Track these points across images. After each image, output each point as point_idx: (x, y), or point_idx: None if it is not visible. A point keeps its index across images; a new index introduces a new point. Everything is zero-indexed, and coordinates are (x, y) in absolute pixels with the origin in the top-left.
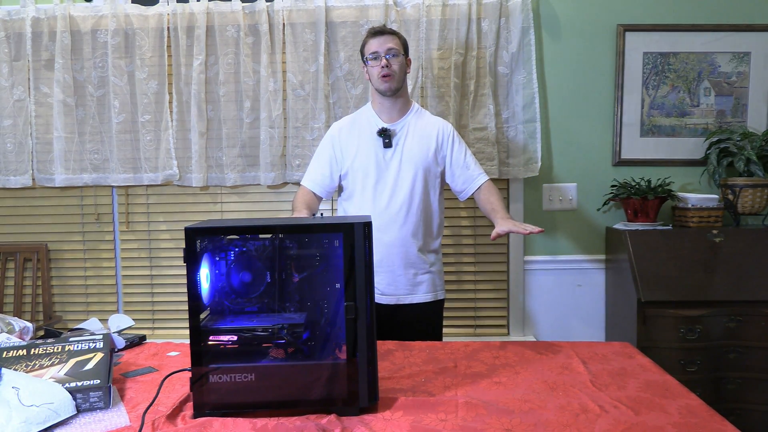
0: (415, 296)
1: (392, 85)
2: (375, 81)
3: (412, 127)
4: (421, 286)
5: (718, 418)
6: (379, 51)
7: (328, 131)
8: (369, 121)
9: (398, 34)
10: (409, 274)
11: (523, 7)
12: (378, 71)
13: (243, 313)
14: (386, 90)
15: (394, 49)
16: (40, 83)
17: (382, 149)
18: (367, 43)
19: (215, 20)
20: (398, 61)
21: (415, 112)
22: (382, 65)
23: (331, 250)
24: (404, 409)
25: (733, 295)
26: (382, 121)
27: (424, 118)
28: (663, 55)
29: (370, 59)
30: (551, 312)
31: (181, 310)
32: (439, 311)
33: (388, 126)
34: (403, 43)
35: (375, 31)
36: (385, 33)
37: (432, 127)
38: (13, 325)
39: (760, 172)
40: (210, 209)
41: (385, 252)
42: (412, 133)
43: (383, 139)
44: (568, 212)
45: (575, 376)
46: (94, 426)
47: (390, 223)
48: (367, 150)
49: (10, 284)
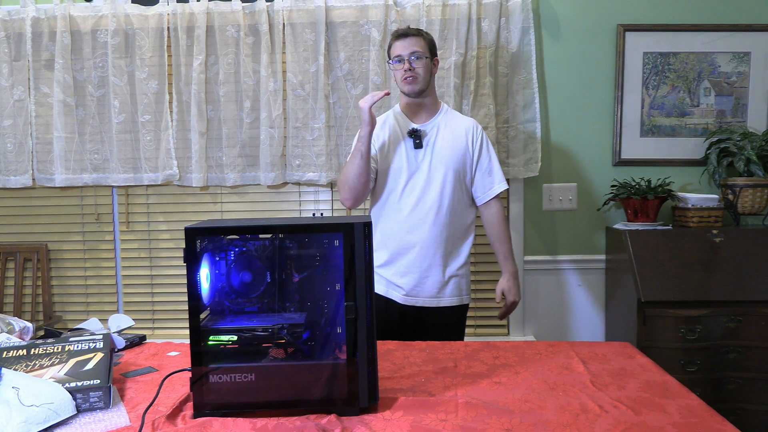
0: (442, 299)
1: (415, 87)
2: (399, 83)
3: (442, 127)
4: (447, 289)
5: (718, 418)
6: (403, 54)
7: None
8: (399, 122)
9: (424, 34)
10: (437, 277)
11: (523, 7)
12: (401, 74)
13: (243, 313)
14: (410, 92)
15: (418, 51)
16: (40, 83)
17: (413, 150)
18: (392, 45)
19: (215, 20)
20: (422, 64)
21: (444, 113)
22: (405, 68)
23: (331, 250)
24: (404, 409)
25: (733, 295)
26: (411, 122)
27: (455, 119)
28: (663, 55)
29: (395, 62)
30: (551, 312)
31: (181, 310)
32: (463, 316)
33: (418, 127)
34: (429, 44)
35: (399, 34)
36: (409, 35)
37: (462, 128)
38: (13, 325)
39: (760, 172)
40: (210, 209)
41: (412, 253)
42: (443, 133)
43: (414, 139)
44: (568, 212)
45: (575, 376)
46: (94, 426)
47: (419, 224)
48: (398, 150)
49: (10, 284)
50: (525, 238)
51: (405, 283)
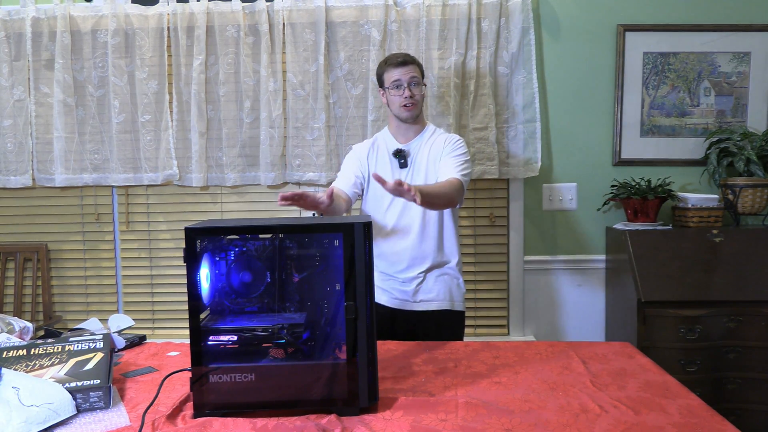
0: (432, 303)
1: (414, 113)
2: (396, 108)
3: (425, 145)
4: (432, 294)
5: (718, 418)
6: (402, 80)
7: (351, 152)
8: (386, 143)
9: (417, 61)
10: (424, 284)
11: (523, 7)
12: (401, 101)
13: (243, 313)
14: (408, 118)
15: (417, 78)
16: (40, 83)
17: (398, 169)
18: (387, 71)
19: (215, 20)
20: (419, 90)
21: (431, 132)
22: (406, 95)
23: (331, 250)
24: (404, 409)
25: (733, 295)
26: (398, 142)
27: (438, 136)
28: (663, 55)
29: (392, 88)
30: (551, 312)
31: (181, 310)
32: (452, 321)
33: (402, 147)
34: (421, 71)
35: (399, 62)
36: (408, 63)
37: (440, 143)
38: (13, 325)
39: (760, 172)
40: (210, 209)
41: (399, 265)
42: (425, 151)
43: (399, 159)
44: (568, 212)
45: (575, 376)
46: (94, 426)
47: (400, 239)
48: (384, 172)
49: (10, 284)
50: (525, 238)
51: (391, 287)
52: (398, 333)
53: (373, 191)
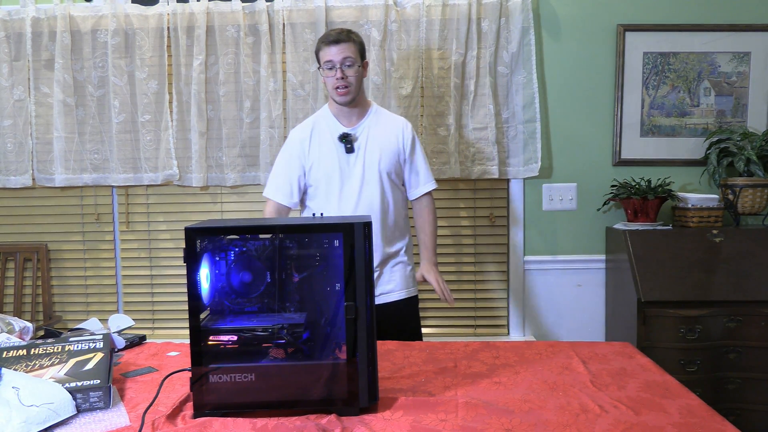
0: (390, 295)
1: (347, 98)
2: (330, 91)
3: (373, 129)
4: (391, 285)
5: (718, 418)
6: (334, 60)
7: (287, 139)
8: (329, 127)
9: (355, 37)
10: (382, 275)
11: (523, 7)
12: (333, 83)
13: (243, 313)
14: (342, 102)
15: (351, 58)
16: (40, 83)
17: (345, 155)
18: (321, 49)
19: (215, 20)
20: (354, 71)
21: (374, 113)
22: (338, 77)
23: (331, 250)
24: (404, 409)
25: (733, 295)
26: (341, 125)
27: (384, 118)
28: (663, 55)
29: (326, 68)
30: (551, 312)
31: (181, 310)
32: (413, 307)
33: (349, 131)
34: (359, 48)
35: (330, 39)
36: (341, 41)
37: (392, 128)
38: (13, 325)
39: (760, 172)
40: (210, 209)
41: None
42: (374, 135)
43: (345, 144)
44: (568, 212)
45: (575, 376)
46: (94, 426)
47: None
48: (330, 157)
49: (10, 284)
50: (525, 238)
51: None
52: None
53: (316, 182)
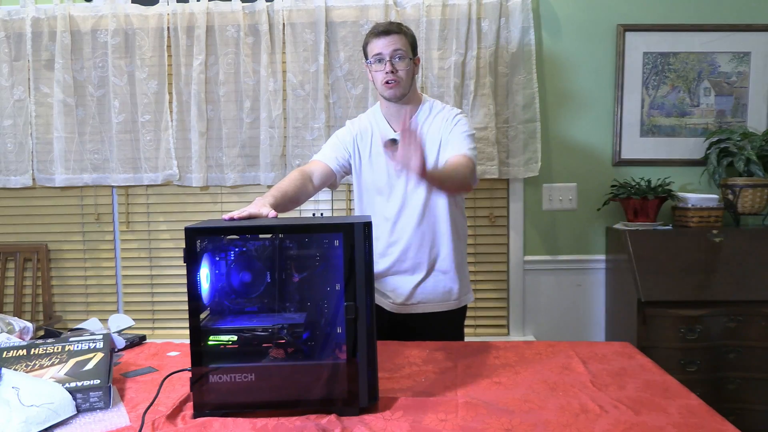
0: (428, 305)
1: (397, 92)
2: (379, 86)
3: (422, 129)
4: (437, 295)
5: (718, 418)
6: (384, 53)
7: (346, 126)
8: (380, 129)
9: (406, 30)
10: (420, 282)
11: (523, 7)
12: (382, 77)
13: (243, 313)
14: (391, 97)
15: (401, 51)
16: (40, 83)
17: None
18: (370, 42)
19: (215, 20)
20: (405, 65)
21: (427, 112)
22: (387, 70)
23: (331, 250)
24: (404, 409)
25: (733, 295)
26: (392, 128)
27: (434, 115)
28: (663, 55)
29: (374, 62)
30: (551, 312)
31: (181, 310)
32: (460, 319)
33: (396, 136)
34: (411, 42)
35: (380, 30)
36: (391, 33)
37: (438, 124)
38: (13, 325)
39: (760, 172)
40: (210, 209)
41: (397, 261)
42: (424, 134)
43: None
44: (568, 212)
45: (575, 376)
46: (94, 426)
47: (402, 232)
48: (378, 162)
49: (10, 284)
50: (525, 238)
51: (390, 291)
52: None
53: (365, 186)
